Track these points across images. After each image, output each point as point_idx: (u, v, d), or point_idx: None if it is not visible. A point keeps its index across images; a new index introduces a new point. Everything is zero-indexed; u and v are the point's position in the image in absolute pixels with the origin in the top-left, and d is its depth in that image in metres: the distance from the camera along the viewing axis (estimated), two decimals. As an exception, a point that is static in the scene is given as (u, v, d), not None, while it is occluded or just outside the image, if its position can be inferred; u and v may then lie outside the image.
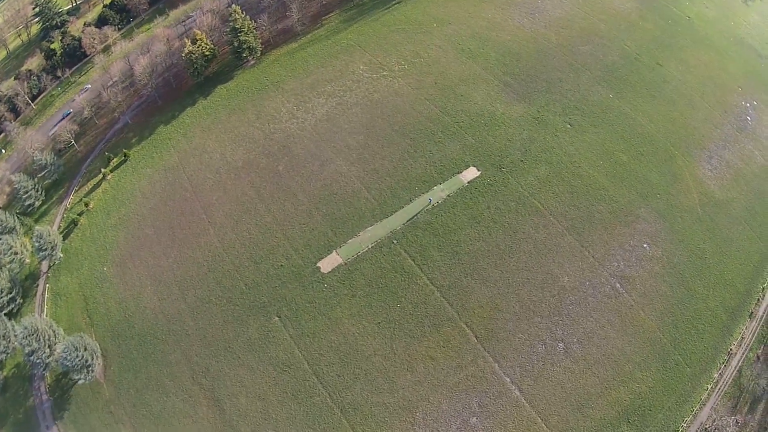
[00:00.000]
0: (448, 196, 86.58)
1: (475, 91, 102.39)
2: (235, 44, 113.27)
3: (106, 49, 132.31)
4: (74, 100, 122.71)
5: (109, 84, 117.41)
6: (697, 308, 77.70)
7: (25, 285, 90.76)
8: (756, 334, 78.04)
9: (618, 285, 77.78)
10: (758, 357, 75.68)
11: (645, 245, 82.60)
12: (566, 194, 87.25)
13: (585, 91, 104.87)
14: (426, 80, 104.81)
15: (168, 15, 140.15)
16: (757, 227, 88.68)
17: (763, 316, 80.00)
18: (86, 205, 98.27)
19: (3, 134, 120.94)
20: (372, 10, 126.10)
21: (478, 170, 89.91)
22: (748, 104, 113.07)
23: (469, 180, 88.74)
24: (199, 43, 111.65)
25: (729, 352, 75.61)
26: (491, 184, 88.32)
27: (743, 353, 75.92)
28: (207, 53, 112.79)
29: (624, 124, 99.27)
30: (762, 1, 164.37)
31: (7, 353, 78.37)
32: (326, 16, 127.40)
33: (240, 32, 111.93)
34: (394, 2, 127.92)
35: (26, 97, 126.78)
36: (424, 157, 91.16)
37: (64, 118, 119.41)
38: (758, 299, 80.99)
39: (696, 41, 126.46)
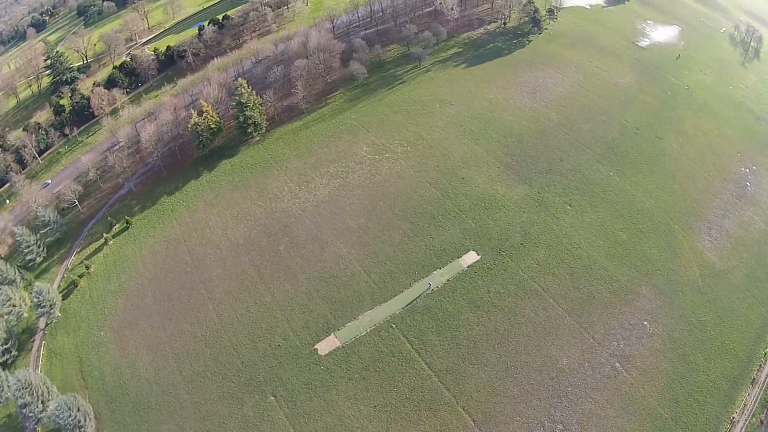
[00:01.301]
0: (448, 280, 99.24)
1: (476, 174, 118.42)
2: (241, 119, 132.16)
3: (114, 112, 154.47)
4: (80, 159, 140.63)
5: (115, 148, 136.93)
6: (697, 380, 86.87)
7: (21, 338, 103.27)
8: (759, 399, 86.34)
9: (618, 364, 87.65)
10: (761, 421, 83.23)
11: (645, 323, 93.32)
12: (566, 276, 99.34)
13: (585, 171, 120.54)
14: (428, 163, 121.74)
15: (176, 83, 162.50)
16: (758, 293, 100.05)
17: (765, 381, 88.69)
18: (87, 268, 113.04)
19: (8, 184, 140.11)
20: (376, 89, 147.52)
21: (478, 254, 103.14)
22: (747, 169, 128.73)
23: (468, 264, 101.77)
24: (205, 115, 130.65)
25: (732, 421, 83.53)
26: (491, 268, 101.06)
27: (746, 420, 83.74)
28: (213, 126, 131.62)
29: (624, 202, 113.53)
30: (759, 61, 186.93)
31: (0, 402, 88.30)
32: (331, 95, 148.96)
33: (246, 107, 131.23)
34: (397, 82, 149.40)
35: (33, 150, 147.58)
36: (424, 242, 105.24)
37: (45, 187, 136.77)
38: (760, 365, 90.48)
39: (695, 110, 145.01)
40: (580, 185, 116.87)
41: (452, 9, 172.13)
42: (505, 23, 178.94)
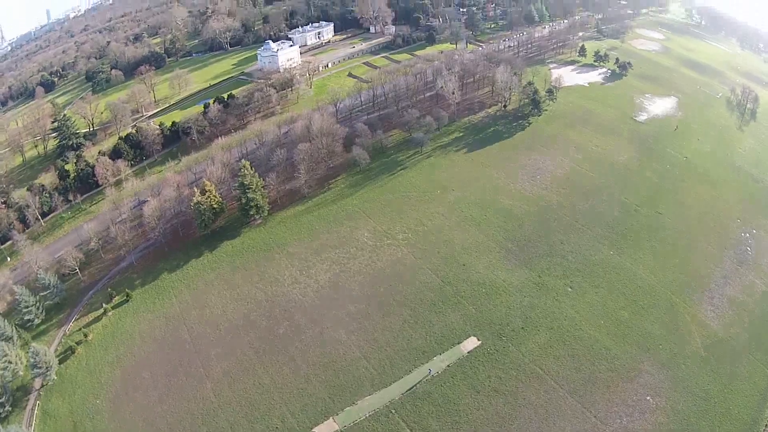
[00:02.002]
0: (448, 366, 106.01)
1: (477, 260, 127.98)
2: (243, 201, 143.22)
3: (118, 183, 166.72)
4: (83, 227, 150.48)
5: (118, 220, 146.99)
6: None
7: (16, 395, 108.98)
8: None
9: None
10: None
11: (648, 398, 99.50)
12: (567, 357, 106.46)
13: (586, 252, 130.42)
14: (429, 249, 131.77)
15: (180, 160, 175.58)
16: (761, 355, 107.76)
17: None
18: (85, 335, 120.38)
19: (10, 242, 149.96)
20: (378, 175, 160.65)
21: (479, 340, 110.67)
22: (747, 234, 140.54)
23: (469, 350, 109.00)
24: (208, 194, 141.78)
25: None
26: (491, 353, 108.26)
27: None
28: (215, 206, 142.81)
29: (624, 280, 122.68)
30: (756, 122, 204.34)
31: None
32: (333, 180, 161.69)
33: (248, 189, 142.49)
34: (399, 168, 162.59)
35: (36, 211, 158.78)
36: (424, 328, 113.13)
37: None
38: (765, 425, 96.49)
39: (694, 180, 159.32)
40: (580, 266, 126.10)
41: (453, 93, 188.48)
42: (505, 106, 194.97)
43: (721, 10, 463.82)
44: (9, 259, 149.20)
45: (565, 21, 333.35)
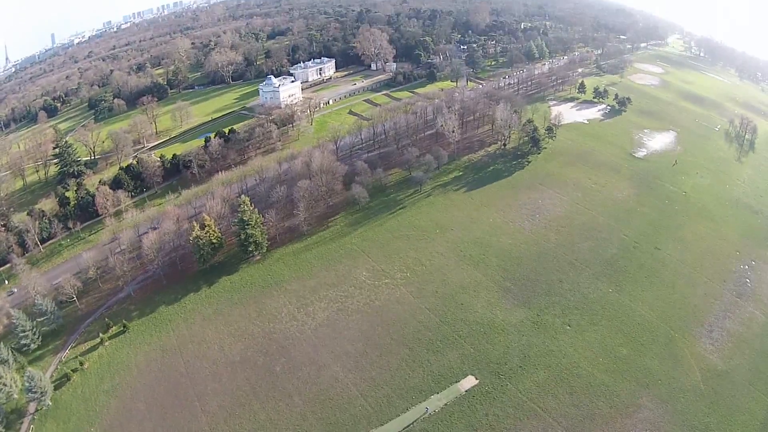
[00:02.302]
0: (446, 404, 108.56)
1: (475, 299, 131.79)
2: (242, 237, 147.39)
3: (118, 214, 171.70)
4: (81, 256, 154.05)
5: (116, 250, 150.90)
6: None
7: (10, 418, 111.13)
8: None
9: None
10: None
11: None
12: (566, 395, 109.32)
13: (584, 290, 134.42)
14: (427, 288, 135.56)
15: (180, 194, 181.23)
16: (761, 385, 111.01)
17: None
18: (81, 364, 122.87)
19: (8, 265, 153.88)
20: (377, 214, 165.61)
21: (476, 378, 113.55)
22: (746, 266, 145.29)
23: (466, 389, 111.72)
24: (207, 229, 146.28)
25: None
26: (489, 391, 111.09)
27: None
28: (214, 241, 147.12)
29: (623, 317, 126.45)
30: (754, 153, 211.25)
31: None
32: (332, 218, 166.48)
33: (248, 225, 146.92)
34: (398, 207, 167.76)
35: (36, 237, 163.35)
36: (421, 367, 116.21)
37: (9, 295, 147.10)
38: None
39: (693, 215, 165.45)
40: (579, 304, 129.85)
41: (453, 131, 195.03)
42: (505, 144, 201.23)
43: (720, 40, 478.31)
44: (7, 282, 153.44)
45: (565, 57, 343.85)
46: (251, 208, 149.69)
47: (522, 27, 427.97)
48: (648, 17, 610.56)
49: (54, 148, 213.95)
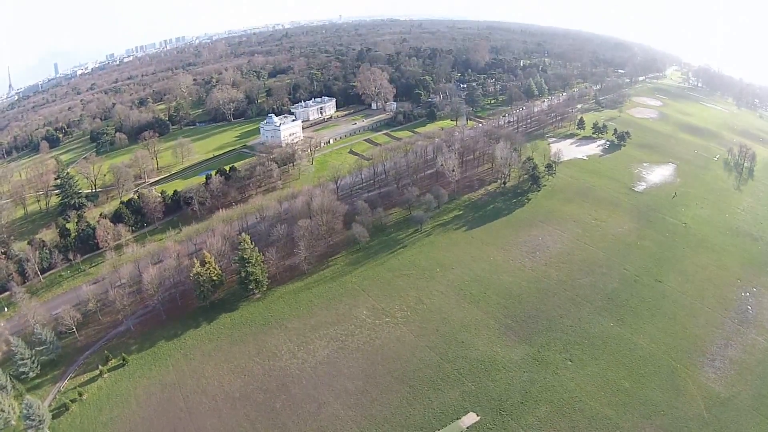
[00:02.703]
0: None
1: (476, 337, 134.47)
2: (243, 274, 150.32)
3: (118, 248, 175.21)
4: (81, 288, 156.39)
5: (117, 284, 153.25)
6: None
7: None
8: None
9: None
10: None
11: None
12: (568, 430, 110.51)
13: (586, 325, 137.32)
14: (428, 327, 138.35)
15: (180, 230, 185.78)
16: (764, 410, 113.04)
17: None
18: (80, 394, 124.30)
19: (8, 293, 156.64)
20: (378, 253, 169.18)
21: (478, 415, 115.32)
22: (747, 293, 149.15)
23: (468, 425, 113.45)
24: (207, 266, 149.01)
25: None
26: (491, 428, 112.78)
27: None
28: (214, 278, 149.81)
29: (625, 350, 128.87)
30: (754, 180, 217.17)
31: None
32: (333, 257, 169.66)
33: (248, 263, 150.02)
34: (399, 246, 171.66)
35: (36, 266, 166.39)
36: (422, 405, 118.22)
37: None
38: None
39: (693, 246, 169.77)
40: (580, 339, 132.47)
41: (453, 171, 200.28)
42: (505, 182, 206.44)
43: (717, 69, 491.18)
44: (6, 309, 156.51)
45: (564, 94, 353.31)
46: (252, 246, 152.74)
47: (521, 64, 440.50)
48: (646, 50, 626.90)
49: (55, 179, 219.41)
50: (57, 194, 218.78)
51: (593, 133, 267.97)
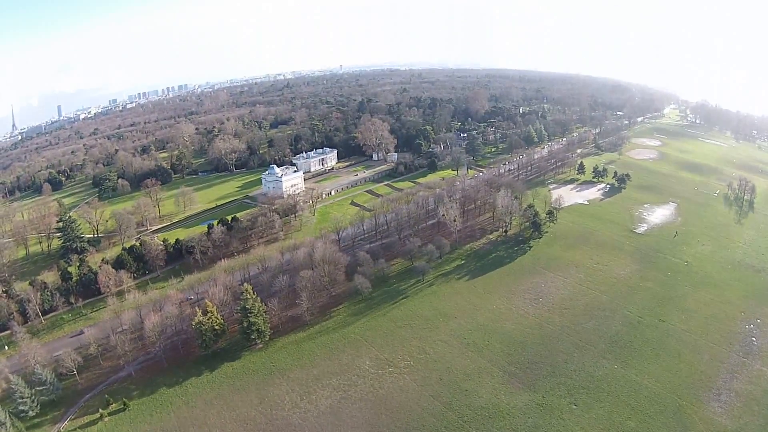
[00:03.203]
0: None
1: (479, 385, 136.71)
2: (245, 324, 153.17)
3: (120, 294, 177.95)
4: (82, 332, 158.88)
5: (118, 330, 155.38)
6: None
7: None
8: None
9: None
10: None
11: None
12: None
13: (590, 368, 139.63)
14: (431, 376, 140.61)
15: (182, 279, 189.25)
16: None
17: None
18: None
19: (9, 331, 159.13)
20: (380, 304, 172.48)
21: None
22: (752, 325, 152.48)
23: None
24: (209, 315, 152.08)
25: None
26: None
27: None
28: (216, 327, 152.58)
29: (630, 392, 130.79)
30: (754, 213, 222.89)
31: None
32: (335, 308, 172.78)
33: (250, 313, 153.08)
34: (401, 297, 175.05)
35: (37, 307, 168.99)
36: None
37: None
38: None
39: (695, 284, 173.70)
40: (584, 383, 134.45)
41: (455, 220, 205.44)
42: (506, 231, 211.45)
43: (714, 104, 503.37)
44: (6, 348, 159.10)
45: (564, 139, 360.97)
46: (254, 297, 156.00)
47: (521, 111, 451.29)
48: (644, 90, 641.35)
49: (58, 222, 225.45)
50: (59, 237, 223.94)
51: (593, 178, 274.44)
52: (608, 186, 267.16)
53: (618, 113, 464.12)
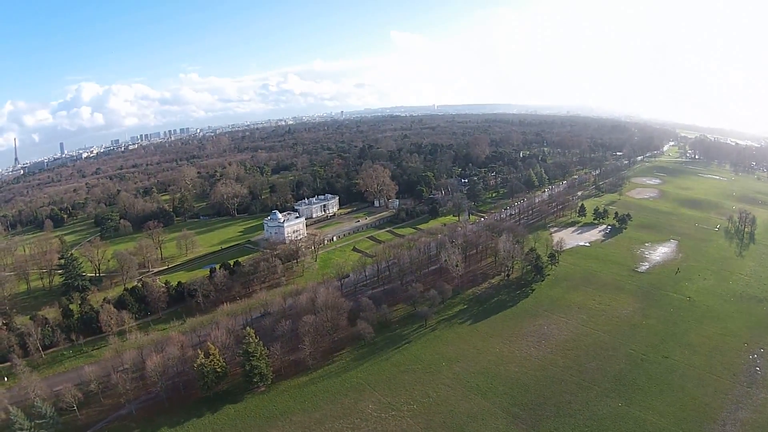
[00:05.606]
0: None
1: (483, 427, 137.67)
2: (247, 368, 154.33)
3: (121, 333, 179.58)
4: (83, 368, 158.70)
5: (119, 369, 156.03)
6: None
7: None
8: None
9: None
10: None
11: None
12: None
13: (594, 407, 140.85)
14: (435, 420, 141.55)
15: (184, 321, 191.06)
16: None
17: None
18: None
19: (9, 363, 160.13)
20: (383, 349, 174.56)
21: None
22: (755, 355, 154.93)
23: None
24: (211, 357, 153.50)
25: None
26: None
27: None
28: (219, 370, 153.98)
29: (635, 427, 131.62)
30: (755, 244, 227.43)
31: None
32: (338, 353, 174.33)
33: (253, 357, 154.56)
34: (404, 342, 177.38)
35: (38, 342, 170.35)
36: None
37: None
38: None
39: (698, 318, 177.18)
40: (588, 422, 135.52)
41: (457, 266, 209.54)
42: (508, 275, 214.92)
43: (713, 138, 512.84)
44: (6, 379, 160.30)
45: (564, 182, 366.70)
46: (256, 341, 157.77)
47: (521, 155, 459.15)
48: (643, 128, 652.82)
49: (59, 259, 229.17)
50: (60, 274, 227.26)
51: (594, 219, 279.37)
52: (609, 227, 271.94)
53: (617, 153, 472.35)
